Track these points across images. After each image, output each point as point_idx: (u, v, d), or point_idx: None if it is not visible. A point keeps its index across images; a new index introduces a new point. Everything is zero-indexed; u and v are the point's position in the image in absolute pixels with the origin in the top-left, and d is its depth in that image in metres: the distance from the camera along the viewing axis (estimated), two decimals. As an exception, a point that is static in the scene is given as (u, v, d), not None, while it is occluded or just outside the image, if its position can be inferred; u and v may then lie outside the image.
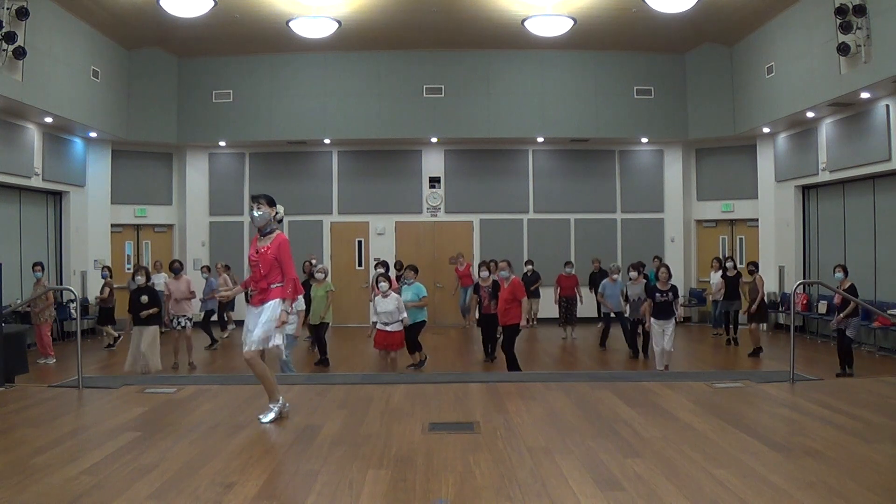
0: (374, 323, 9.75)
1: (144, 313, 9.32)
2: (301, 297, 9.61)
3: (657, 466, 4.36)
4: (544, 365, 11.31)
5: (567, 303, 13.95)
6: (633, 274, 11.18)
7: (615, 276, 12.79)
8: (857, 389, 6.85)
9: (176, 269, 11.54)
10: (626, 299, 11.72)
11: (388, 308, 9.45)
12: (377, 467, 4.42)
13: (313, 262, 13.04)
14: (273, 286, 5.55)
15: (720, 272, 13.56)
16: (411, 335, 10.21)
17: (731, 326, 13.26)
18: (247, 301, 5.79)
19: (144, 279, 9.66)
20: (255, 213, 5.59)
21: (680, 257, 16.52)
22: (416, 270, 10.68)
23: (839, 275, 10.11)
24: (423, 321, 10.44)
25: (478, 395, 6.64)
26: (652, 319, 9.64)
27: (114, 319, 13.35)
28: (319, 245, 16.39)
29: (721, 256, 14.79)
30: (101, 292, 13.32)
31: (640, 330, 11.44)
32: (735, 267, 13.28)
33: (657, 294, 9.58)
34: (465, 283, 15.35)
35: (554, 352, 12.79)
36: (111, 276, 13.67)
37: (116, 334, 13.11)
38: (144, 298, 9.39)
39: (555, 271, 15.17)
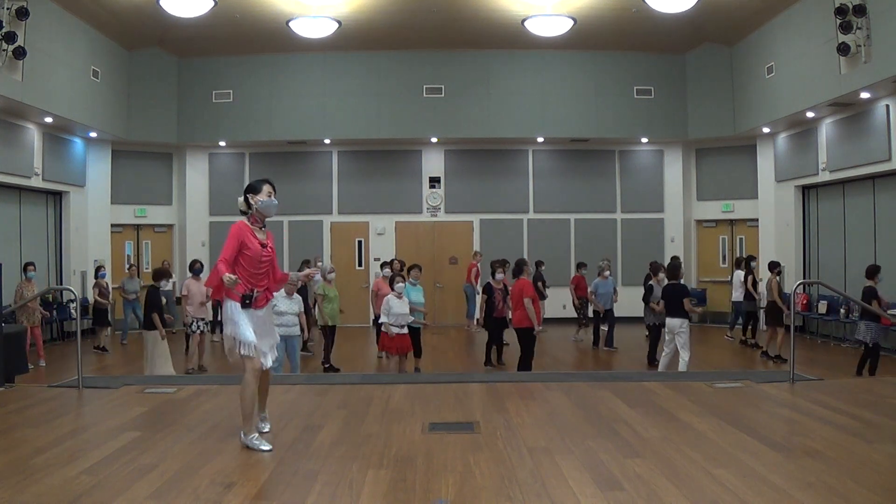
0: (385, 325, 9.12)
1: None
2: (301, 299, 9.56)
3: (657, 466, 4.36)
4: (545, 365, 11.29)
5: (584, 303, 13.87)
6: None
7: (606, 274, 12.76)
8: (857, 389, 6.85)
9: (197, 269, 10.91)
10: (648, 301, 11.06)
11: (405, 310, 9.10)
12: (377, 467, 4.42)
13: (319, 262, 12.98)
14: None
15: (745, 272, 13.06)
16: (417, 338, 9.92)
17: (750, 329, 12.95)
18: (246, 305, 4.87)
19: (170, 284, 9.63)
20: (276, 202, 5.06)
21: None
22: (420, 269, 10.38)
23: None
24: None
25: (478, 395, 6.64)
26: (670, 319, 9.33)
27: (109, 321, 13.19)
28: (319, 245, 16.39)
29: (742, 256, 14.18)
30: (99, 292, 13.07)
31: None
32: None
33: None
34: (471, 280, 15.27)
35: (556, 353, 12.78)
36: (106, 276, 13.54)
37: (104, 344, 12.78)
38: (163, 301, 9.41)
39: (555, 271, 15.18)
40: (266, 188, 5.03)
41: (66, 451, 4.75)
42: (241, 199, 5.08)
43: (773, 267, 11.73)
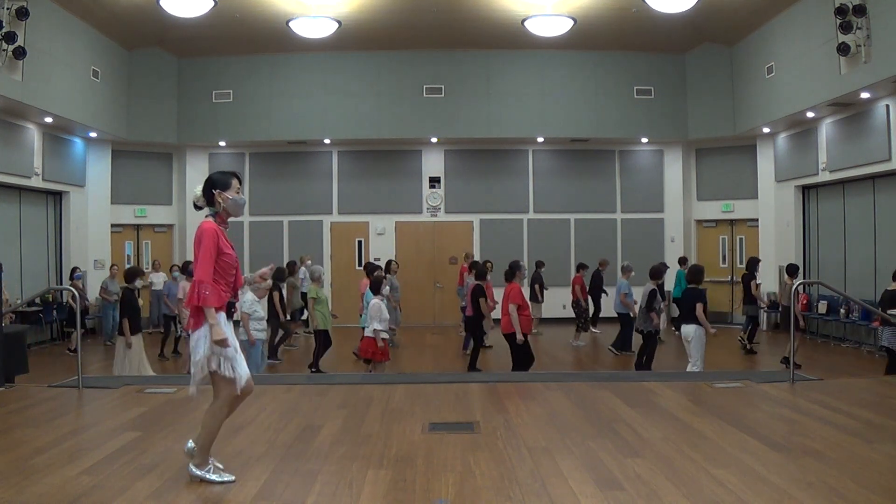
0: (377, 332, 8.75)
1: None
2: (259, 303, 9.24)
3: (657, 466, 4.36)
4: (545, 365, 11.28)
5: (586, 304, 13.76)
6: (661, 279, 10.12)
7: (632, 274, 12.42)
8: (857, 389, 6.86)
9: (191, 271, 10.80)
10: (653, 308, 10.00)
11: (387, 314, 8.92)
12: (377, 467, 4.42)
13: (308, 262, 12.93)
14: None
15: (747, 274, 12.47)
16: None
17: (749, 332, 12.42)
18: (230, 315, 4.31)
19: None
20: (245, 199, 4.42)
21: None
22: (385, 275, 10.10)
23: None
24: None
25: (478, 395, 6.64)
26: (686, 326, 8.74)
27: (84, 323, 13.17)
28: (319, 245, 16.39)
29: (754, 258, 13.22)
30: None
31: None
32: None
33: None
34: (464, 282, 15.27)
35: (556, 353, 12.76)
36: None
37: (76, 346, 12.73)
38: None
39: (555, 272, 15.14)
40: (235, 183, 4.28)
41: (66, 451, 4.75)
42: (199, 192, 4.28)
43: (794, 271, 11.23)
